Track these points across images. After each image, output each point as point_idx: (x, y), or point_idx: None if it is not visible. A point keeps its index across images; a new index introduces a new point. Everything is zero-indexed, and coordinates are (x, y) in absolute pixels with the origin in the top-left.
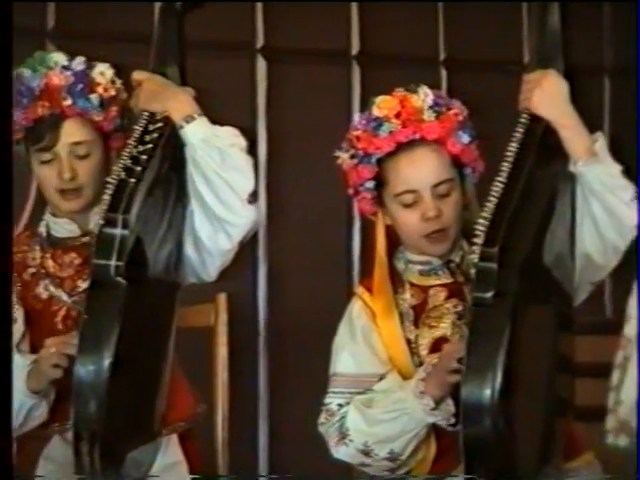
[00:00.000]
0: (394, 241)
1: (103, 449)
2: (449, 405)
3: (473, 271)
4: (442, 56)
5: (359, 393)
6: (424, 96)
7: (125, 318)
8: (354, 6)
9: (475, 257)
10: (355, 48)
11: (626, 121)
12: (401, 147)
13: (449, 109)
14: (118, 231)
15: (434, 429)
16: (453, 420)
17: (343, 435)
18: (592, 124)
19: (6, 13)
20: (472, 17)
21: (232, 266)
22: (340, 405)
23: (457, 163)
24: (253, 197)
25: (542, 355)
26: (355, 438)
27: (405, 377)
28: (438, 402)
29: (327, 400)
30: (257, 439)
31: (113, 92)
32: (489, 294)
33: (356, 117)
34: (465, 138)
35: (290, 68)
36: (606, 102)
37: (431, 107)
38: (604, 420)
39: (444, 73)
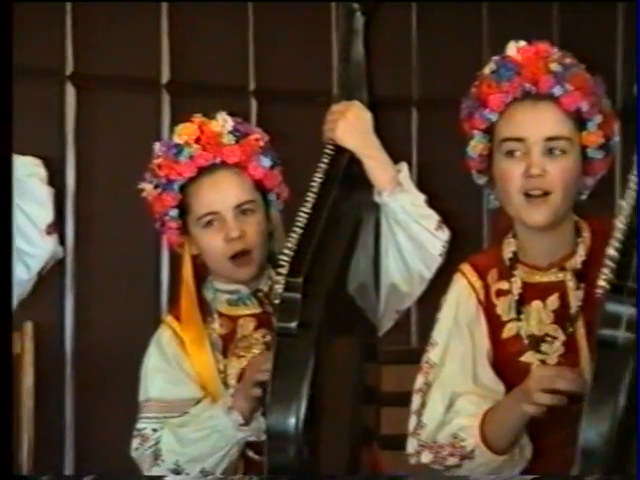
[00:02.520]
0: (202, 272)
1: None
2: (259, 422)
3: (277, 301)
4: (252, 86)
5: (174, 417)
6: (223, 122)
7: None
8: (164, 34)
9: (279, 287)
10: (165, 76)
11: (433, 151)
12: (202, 172)
13: (249, 135)
14: None
15: (243, 459)
16: (264, 436)
17: (156, 457)
18: (399, 155)
19: (6, 13)
20: (283, 47)
21: (38, 294)
22: (154, 430)
23: (260, 188)
24: (52, 228)
25: (347, 384)
26: (167, 458)
27: None
28: (247, 418)
29: (140, 425)
30: (62, 468)
31: None
32: (293, 324)
33: (157, 146)
34: (267, 162)
35: (100, 95)
36: (414, 133)
37: (230, 132)
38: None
39: (254, 103)
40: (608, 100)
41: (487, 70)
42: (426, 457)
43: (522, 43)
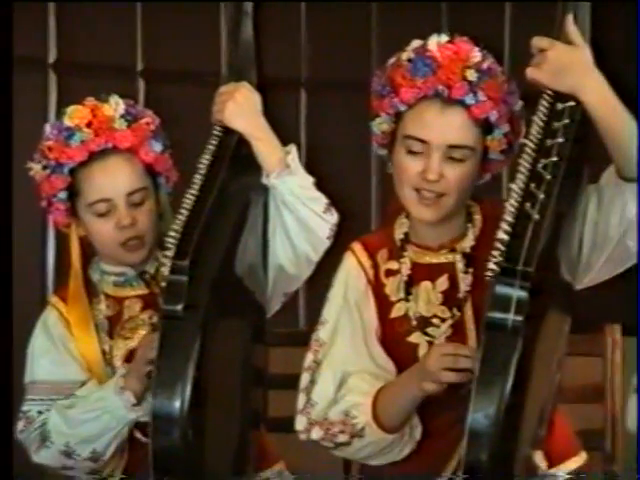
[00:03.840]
0: (89, 252)
1: None
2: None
3: (164, 284)
4: (140, 66)
5: (60, 399)
6: (115, 105)
7: None
8: (52, 14)
9: (166, 270)
10: (52, 56)
11: (321, 134)
12: (94, 156)
13: (141, 118)
14: None
15: (129, 440)
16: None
17: (44, 439)
18: (289, 137)
19: (6, 13)
20: (171, 28)
21: None
22: (40, 412)
23: (151, 172)
24: None
25: (235, 367)
26: (56, 440)
27: None
28: (139, 398)
29: (25, 408)
30: None
31: None
32: (179, 307)
33: (47, 127)
34: (158, 147)
35: None
36: (302, 115)
37: (123, 116)
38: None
39: (142, 83)
40: (520, 103)
41: (404, 56)
42: (316, 434)
43: (444, 38)
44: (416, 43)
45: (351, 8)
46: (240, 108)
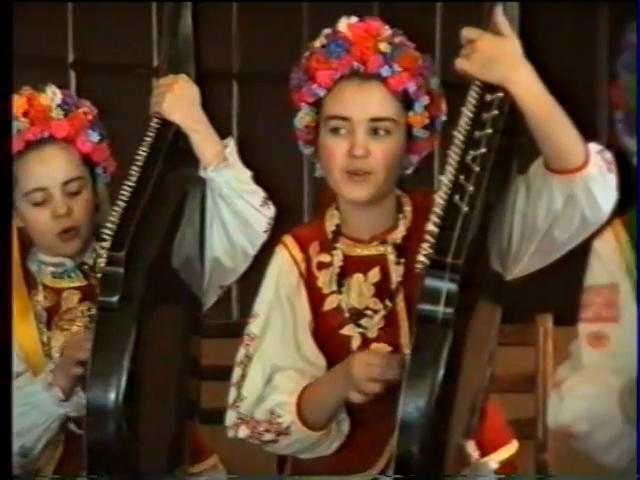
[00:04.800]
0: (27, 243)
1: None
2: (80, 397)
3: (99, 275)
4: (71, 58)
5: None
6: (52, 94)
7: None
8: None
9: (102, 261)
10: None
11: (254, 126)
12: (30, 146)
13: (78, 108)
14: None
15: (64, 432)
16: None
17: None
18: (221, 129)
19: (6, 14)
20: (101, 19)
21: None
22: None
23: (88, 162)
24: None
25: (171, 358)
26: None
27: None
28: (68, 394)
29: None
30: None
31: None
32: (115, 298)
33: None
34: (95, 137)
35: None
36: (234, 107)
37: (59, 105)
38: None
39: (73, 75)
40: (437, 79)
41: (317, 43)
42: (243, 432)
43: (353, 19)
44: (327, 30)
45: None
46: (178, 100)
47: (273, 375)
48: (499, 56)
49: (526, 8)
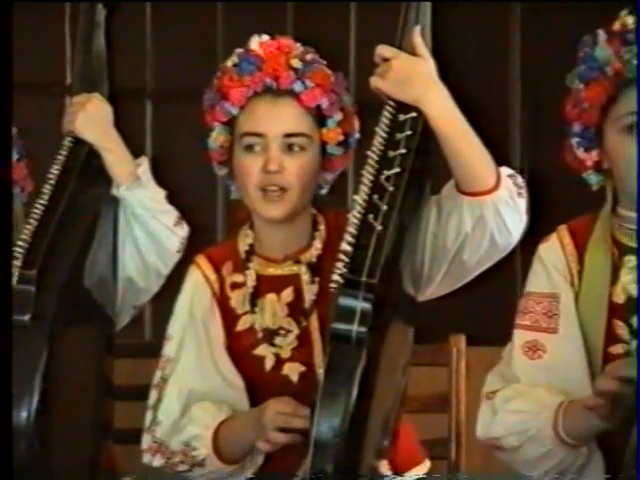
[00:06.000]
0: None
1: None
2: None
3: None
4: None
5: None
6: None
7: None
8: None
9: (14, 279)
10: None
11: (168, 145)
12: None
13: None
14: None
15: None
16: None
17: None
18: (135, 148)
19: (6, 14)
20: (14, 37)
21: None
22: None
23: None
24: None
25: (84, 377)
26: None
27: None
28: None
29: None
30: None
31: None
32: (26, 317)
33: None
34: (13, 156)
35: None
36: (148, 126)
37: None
38: (140, 442)
39: None
40: (350, 97)
41: (229, 63)
42: (158, 461)
43: (265, 37)
44: (239, 49)
45: (197, 18)
46: (91, 119)
47: (190, 403)
48: (414, 76)
49: (440, 30)
